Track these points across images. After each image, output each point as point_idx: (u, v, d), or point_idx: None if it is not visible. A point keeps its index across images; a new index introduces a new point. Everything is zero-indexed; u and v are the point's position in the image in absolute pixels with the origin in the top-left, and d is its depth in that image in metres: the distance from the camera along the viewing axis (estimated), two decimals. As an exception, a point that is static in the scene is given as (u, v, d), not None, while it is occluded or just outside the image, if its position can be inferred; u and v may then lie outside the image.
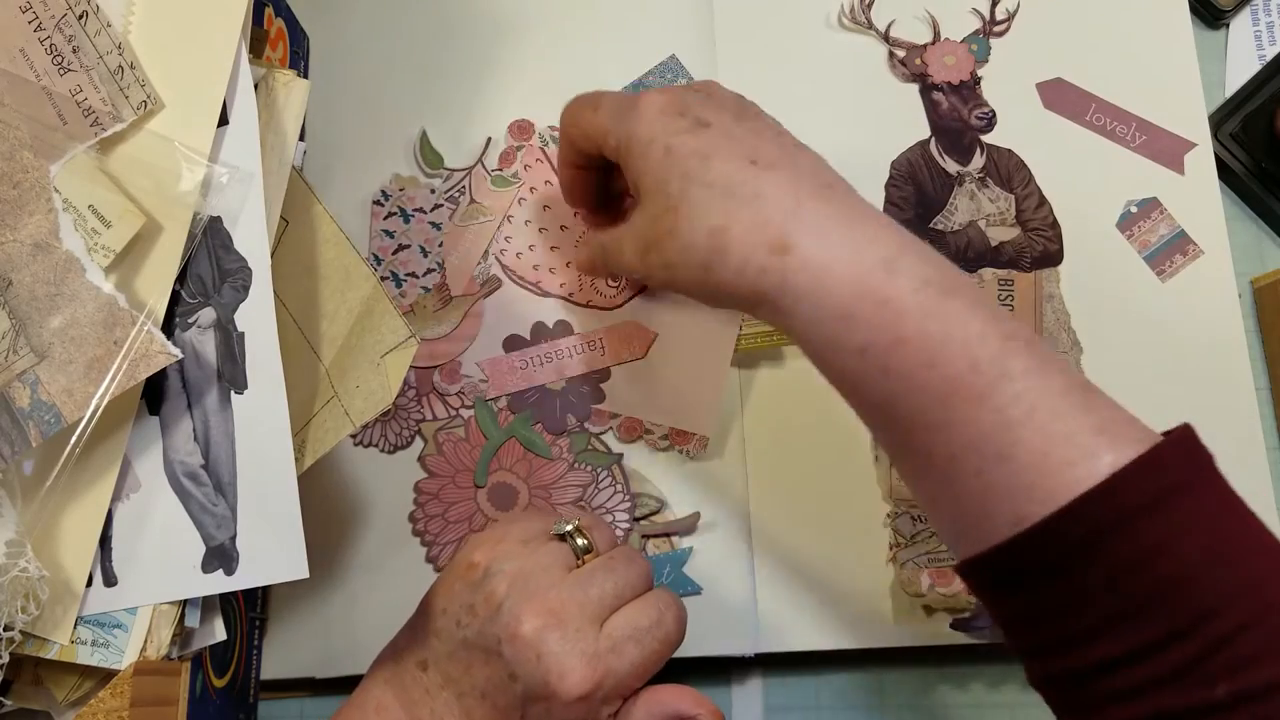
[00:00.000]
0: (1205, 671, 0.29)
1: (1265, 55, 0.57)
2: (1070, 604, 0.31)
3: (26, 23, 0.38)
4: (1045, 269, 0.53)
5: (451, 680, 0.37)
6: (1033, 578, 0.32)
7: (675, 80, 0.55)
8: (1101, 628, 0.31)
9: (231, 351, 0.40)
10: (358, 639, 0.49)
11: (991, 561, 0.33)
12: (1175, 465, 0.31)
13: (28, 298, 0.37)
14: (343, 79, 0.56)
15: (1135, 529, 0.30)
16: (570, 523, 0.39)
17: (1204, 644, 0.29)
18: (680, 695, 0.37)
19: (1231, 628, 0.29)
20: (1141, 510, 0.30)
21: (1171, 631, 0.30)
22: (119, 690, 0.36)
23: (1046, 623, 0.32)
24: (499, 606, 0.36)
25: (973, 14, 0.57)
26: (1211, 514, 0.31)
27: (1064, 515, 0.31)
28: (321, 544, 0.49)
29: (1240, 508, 0.32)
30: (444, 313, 0.52)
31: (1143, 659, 0.30)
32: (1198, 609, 0.30)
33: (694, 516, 0.50)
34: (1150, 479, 0.30)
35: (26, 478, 0.38)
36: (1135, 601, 0.30)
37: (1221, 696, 0.29)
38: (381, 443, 0.51)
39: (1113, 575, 0.30)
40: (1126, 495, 0.30)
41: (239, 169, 0.40)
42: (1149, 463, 0.31)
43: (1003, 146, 0.55)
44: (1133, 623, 0.30)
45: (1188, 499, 0.31)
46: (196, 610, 0.40)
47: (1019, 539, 0.31)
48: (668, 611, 0.38)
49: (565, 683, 0.35)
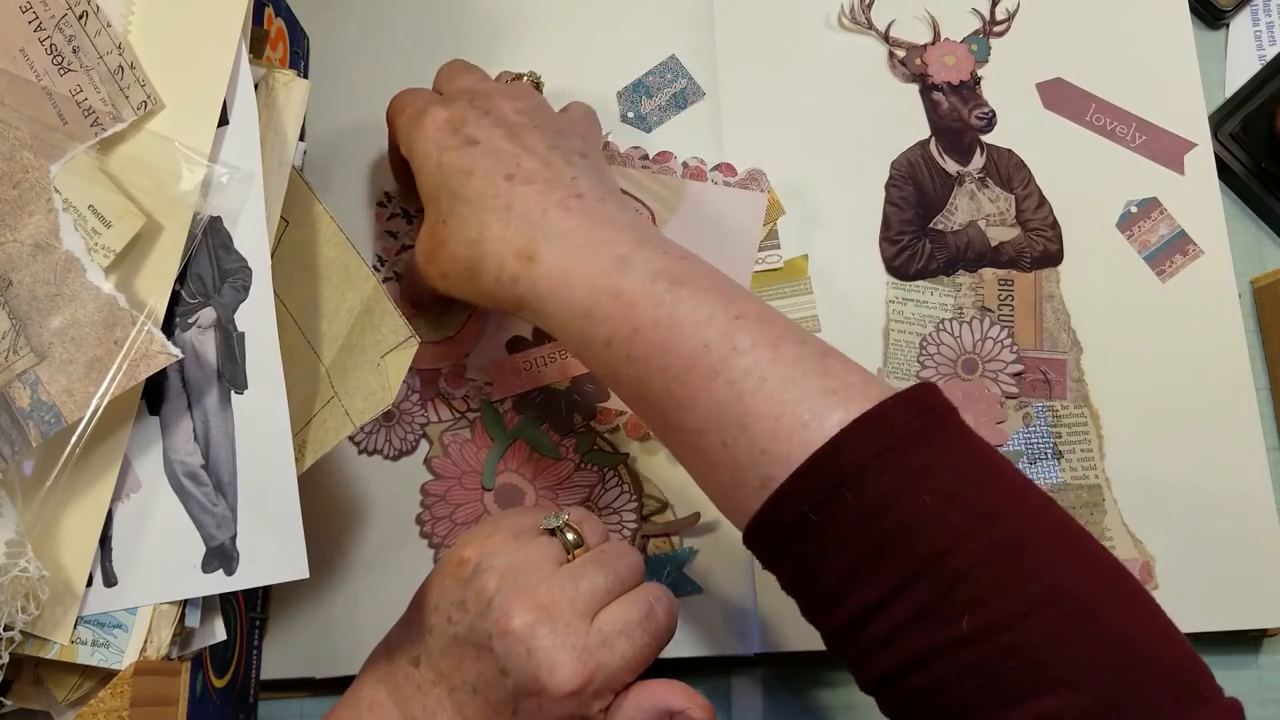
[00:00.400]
0: (949, 607, 0.31)
1: (1265, 55, 0.57)
2: (826, 558, 0.33)
3: (26, 23, 0.38)
4: (1045, 269, 0.53)
5: (443, 676, 0.37)
6: (791, 540, 0.34)
7: (675, 80, 0.55)
8: (853, 577, 0.32)
9: (231, 351, 0.40)
10: (358, 639, 0.48)
11: (757, 530, 0.35)
12: (903, 418, 0.33)
13: (28, 298, 0.37)
14: (343, 79, 0.56)
15: (864, 480, 0.32)
16: (560, 517, 0.39)
17: (943, 581, 0.31)
18: (672, 690, 0.37)
19: (968, 563, 0.31)
20: (870, 462, 0.32)
21: (912, 573, 0.31)
22: (119, 690, 0.36)
23: (813, 582, 0.34)
24: (489, 602, 0.36)
25: (973, 14, 0.57)
26: (946, 460, 0.33)
27: (799, 475, 0.33)
28: (322, 544, 0.49)
29: (980, 453, 0.34)
30: (447, 314, 0.52)
31: (891, 604, 0.32)
32: (934, 549, 0.31)
33: (694, 516, 0.50)
34: (877, 432, 0.32)
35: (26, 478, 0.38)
36: (876, 548, 0.32)
37: (966, 630, 0.30)
38: (386, 448, 0.51)
39: (853, 525, 0.32)
40: (854, 449, 0.32)
41: (239, 169, 0.40)
42: (874, 417, 0.33)
43: (1003, 146, 0.55)
44: (877, 568, 0.32)
45: (917, 448, 0.32)
46: (196, 610, 0.40)
47: (768, 505, 0.34)
48: (659, 605, 0.38)
49: (555, 677, 0.35)
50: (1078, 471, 0.51)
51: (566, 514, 0.39)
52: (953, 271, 0.53)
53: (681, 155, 0.54)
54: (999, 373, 0.52)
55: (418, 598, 0.40)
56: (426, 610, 0.38)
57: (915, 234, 0.53)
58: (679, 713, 0.37)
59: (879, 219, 0.54)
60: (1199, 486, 0.51)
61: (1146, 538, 0.50)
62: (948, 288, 0.53)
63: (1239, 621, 0.49)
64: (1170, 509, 0.51)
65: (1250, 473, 0.51)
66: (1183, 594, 0.49)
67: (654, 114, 0.55)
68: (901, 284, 0.53)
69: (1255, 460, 0.51)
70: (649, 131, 0.55)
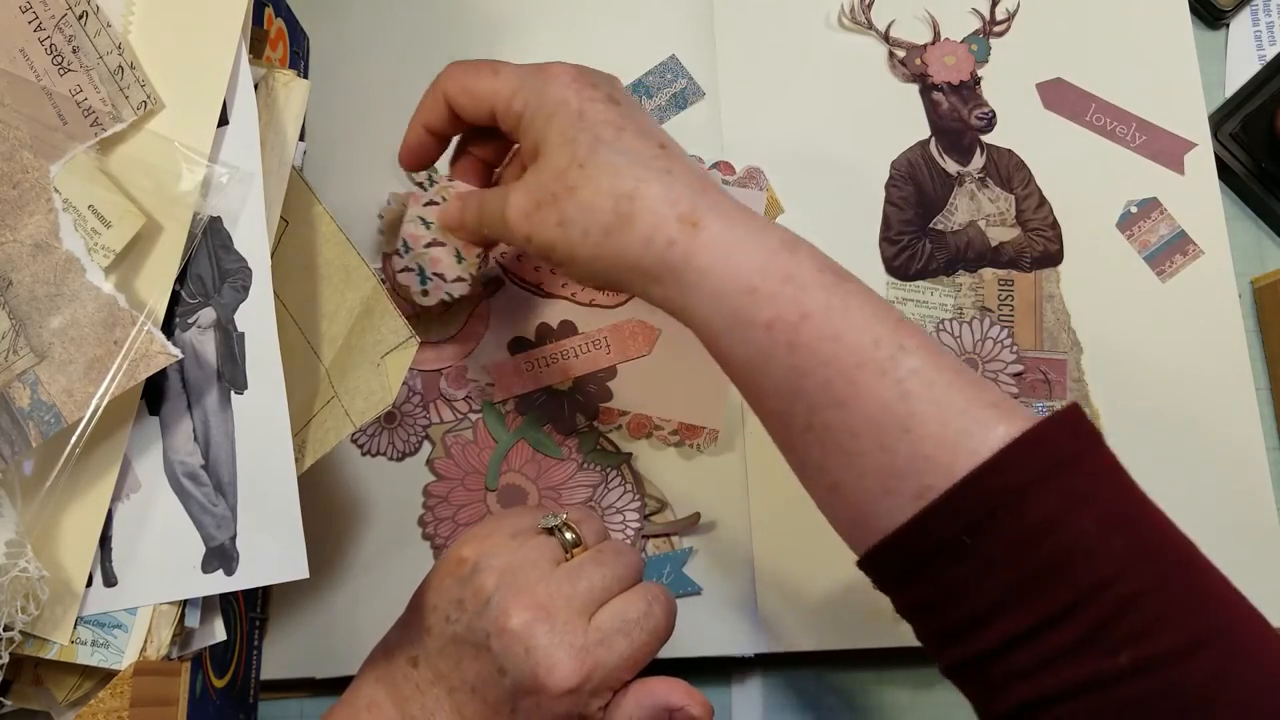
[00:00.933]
0: (1107, 640, 0.29)
1: (1265, 55, 0.57)
2: (972, 581, 0.31)
3: (26, 23, 0.38)
4: (1045, 269, 0.53)
5: (442, 676, 0.37)
6: (937, 557, 0.32)
7: (675, 80, 0.55)
8: (1003, 602, 0.31)
9: (231, 351, 0.40)
10: (358, 639, 0.48)
11: (897, 544, 0.33)
12: (1063, 439, 0.32)
13: (28, 298, 0.37)
14: (343, 79, 0.56)
15: (1024, 503, 0.31)
16: (558, 516, 0.39)
17: (1104, 612, 0.30)
18: (671, 687, 0.37)
19: (1130, 595, 0.30)
20: (1031, 484, 0.31)
21: (1072, 601, 0.30)
22: (119, 690, 0.36)
23: (952, 605, 0.32)
24: (487, 601, 0.36)
25: (973, 14, 0.57)
26: (1105, 487, 0.32)
27: (956, 491, 0.31)
28: (323, 544, 0.49)
29: (1128, 481, 0.32)
30: (448, 315, 0.52)
31: (1044, 632, 0.30)
32: (1096, 577, 0.30)
33: (694, 516, 0.50)
34: (1038, 453, 0.31)
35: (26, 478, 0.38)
36: (1033, 574, 0.30)
37: (1124, 664, 0.29)
38: (389, 450, 0.51)
39: (1011, 547, 0.31)
40: (1015, 469, 0.31)
41: (239, 169, 0.40)
42: (1034, 437, 0.31)
43: (1003, 146, 0.55)
44: (1032, 595, 0.30)
45: (1078, 471, 0.31)
46: (196, 610, 0.40)
47: (922, 515, 0.32)
48: (656, 603, 0.38)
49: (553, 676, 0.35)
50: (1078, 471, 0.51)
51: (565, 513, 0.39)
52: (953, 271, 0.53)
53: (681, 155, 0.54)
54: (999, 373, 0.52)
55: (416, 597, 0.39)
56: (425, 610, 0.38)
57: (915, 234, 0.53)
58: (678, 710, 0.37)
59: (879, 219, 0.54)
60: (1199, 486, 0.51)
61: (1146, 538, 0.50)
62: (948, 288, 0.53)
63: (1239, 621, 0.49)
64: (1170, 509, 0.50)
65: (1250, 473, 0.51)
66: (1183, 594, 0.49)
67: (654, 114, 0.55)
68: (901, 284, 0.53)
69: (1255, 460, 0.51)
70: (649, 131, 0.55)
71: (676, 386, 0.51)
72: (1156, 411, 0.52)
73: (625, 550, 0.39)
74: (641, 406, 0.51)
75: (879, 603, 0.50)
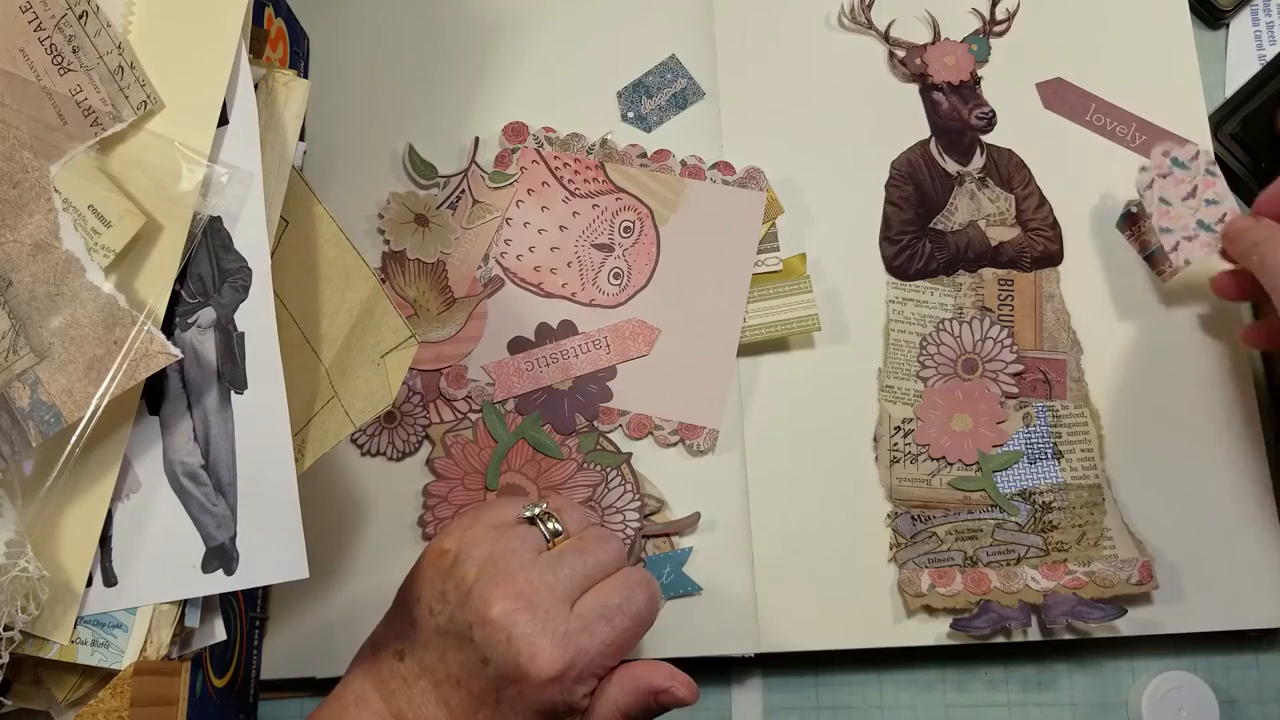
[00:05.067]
0: None
1: (1265, 55, 0.57)
2: None
3: (26, 23, 0.38)
4: (1045, 269, 0.53)
5: (427, 668, 0.37)
6: None
7: (675, 80, 0.55)
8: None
9: (231, 351, 0.40)
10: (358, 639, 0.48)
11: None
12: None
13: (28, 298, 0.37)
14: (343, 79, 0.56)
15: None
16: (539, 506, 0.39)
17: None
18: (653, 670, 0.37)
19: None
20: None
21: None
22: (119, 690, 0.36)
23: None
24: (469, 591, 0.36)
25: (973, 14, 0.57)
26: None
27: None
28: (323, 544, 0.49)
29: None
30: (448, 314, 0.52)
31: None
32: None
33: (694, 516, 0.50)
34: None
35: (26, 478, 0.38)
36: None
37: None
38: (389, 450, 0.51)
39: None
40: None
41: (239, 169, 0.40)
42: None
43: (1003, 146, 0.55)
44: None
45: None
46: (196, 610, 0.40)
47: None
48: (639, 589, 0.38)
49: (536, 664, 0.35)
50: (1078, 471, 0.51)
51: (545, 502, 0.39)
52: (953, 271, 0.53)
53: (680, 154, 0.54)
54: (999, 373, 0.52)
55: (401, 592, 0.40)
56: (409, 603, 0.38)
57: (915, 234, 0.53)
58: (663, 690, 0.37)
59: (879, 219, 0.54)
60: (1199, 486, 0.51)
61: (1146, 538, 0.50)
62: (948, 288, 0.53)
63: (1239, 621, 0.49)
64: (1170, 509, 0.51)
65: (1250, 473, 0.51)
66: (1183, 594, 0.49)
67: (654, 114, 0.55)
68: (901, 284, 0.53)
69: (1255, 460, 0.51)
70: (649, 131, 0.55)
71: (676, 386, 0.51)
72: (1156, 411, 0.52)
73: (607, 537, 0.39)
74: (641, 406, 0.51)
75: (879, 603, 0.50)
